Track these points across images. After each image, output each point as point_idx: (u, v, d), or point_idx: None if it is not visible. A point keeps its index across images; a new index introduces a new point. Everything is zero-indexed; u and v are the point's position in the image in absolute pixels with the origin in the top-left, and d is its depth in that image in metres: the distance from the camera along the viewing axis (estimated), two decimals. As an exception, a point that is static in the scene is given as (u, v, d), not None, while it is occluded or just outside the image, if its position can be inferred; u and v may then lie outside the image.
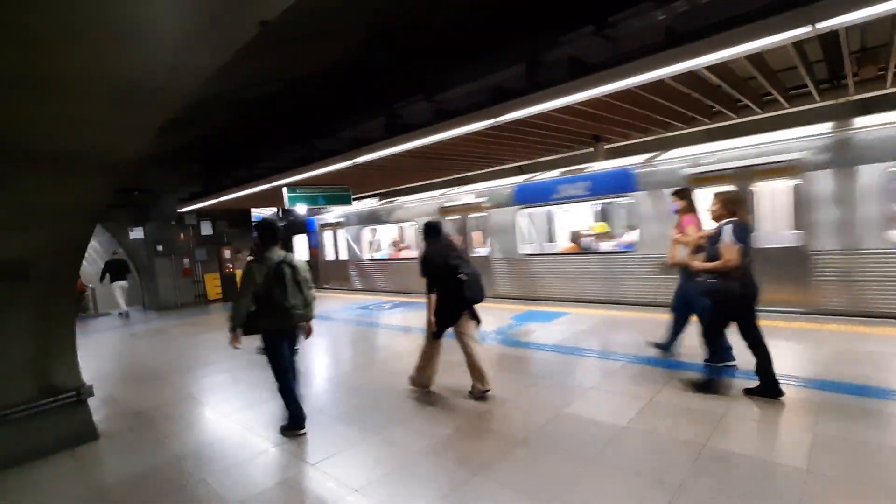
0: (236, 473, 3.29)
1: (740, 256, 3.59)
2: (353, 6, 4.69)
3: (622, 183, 8.20)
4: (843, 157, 6.02)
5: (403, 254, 12.85)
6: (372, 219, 13.35)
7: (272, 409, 4.49)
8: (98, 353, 7.81)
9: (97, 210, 4.05)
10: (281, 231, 4.00)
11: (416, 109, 6.31)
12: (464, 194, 10.72)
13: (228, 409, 4.62)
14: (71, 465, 3.68)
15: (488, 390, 4.18)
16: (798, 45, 4.88)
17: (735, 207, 3.86)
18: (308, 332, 3.99)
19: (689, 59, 3.77)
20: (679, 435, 3.22)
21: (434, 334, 4.25)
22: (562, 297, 8.75)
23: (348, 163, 7.33)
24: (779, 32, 3.33)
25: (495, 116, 5.33)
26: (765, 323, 3.77)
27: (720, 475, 2.72)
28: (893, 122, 5.79)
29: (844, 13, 3.05)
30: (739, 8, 3.61)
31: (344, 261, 14.46)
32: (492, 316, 7.71)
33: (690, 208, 4.74)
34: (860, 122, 6.20)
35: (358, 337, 7.51)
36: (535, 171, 10.50)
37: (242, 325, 3.64)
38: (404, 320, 8.19)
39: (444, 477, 2.97)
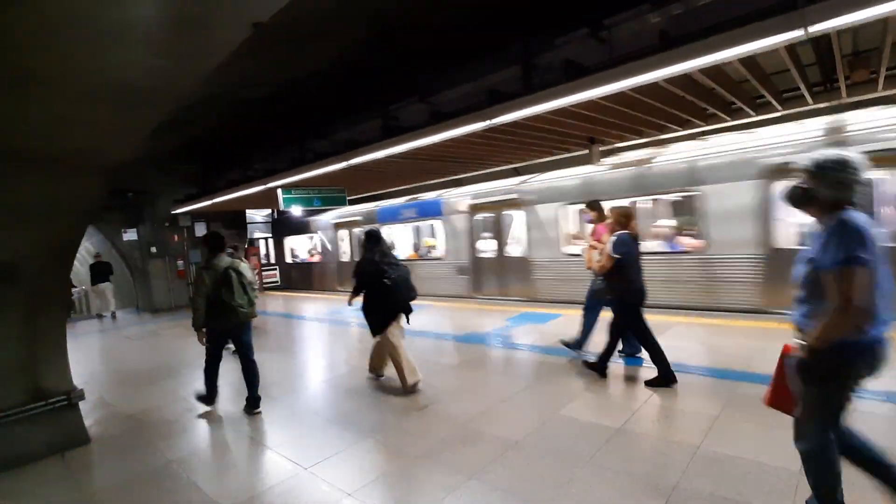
0: (229, 477, 3.27)
1: (614, 263, 4.25)
2: (348, 8, 4.69)
3: (435, 209, 11.26)
4: (546, 197, 9.25)
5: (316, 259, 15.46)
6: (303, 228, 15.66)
7: (267, 411, 4.47)
8: (90, 355, 7.74)
9: (89, 211, 4.02)
10: (226, 241, 4.70)
11: (412, 111, 6.31)
12: (351, 212, 13.42)
13: (223, 412, 4.58)
14: (61, 470, 3.63)
15: (417, 381, 4.54)
16: (791, 48, 4.90)
17: (627, 221, 4.42)
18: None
19: (684, 61, 3.78)
20: (672, 436, 3.23)
21: (373, 332, 4.68)
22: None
23: (343, 164, 7.31)
24: (772, 35, 3.35)
25: (490, 118, 5.33)
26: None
27: (714, 475, 2.72)
28: (559, 177, 9.21)
29: (837, 17, 3.08)
30: (734, 11, 3.63)
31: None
32: (487, 318, 7.71)
33: (601, 218, 5.13)
34: (542, 177, 9.65)
35: (353, 339, 7.48)
36: (531, 173, 10.51)
37: (204, 324, 4.28)
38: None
39: (439, 480, 2.96)
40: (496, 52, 5.28)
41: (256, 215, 16.62)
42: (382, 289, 4.46)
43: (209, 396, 4.62)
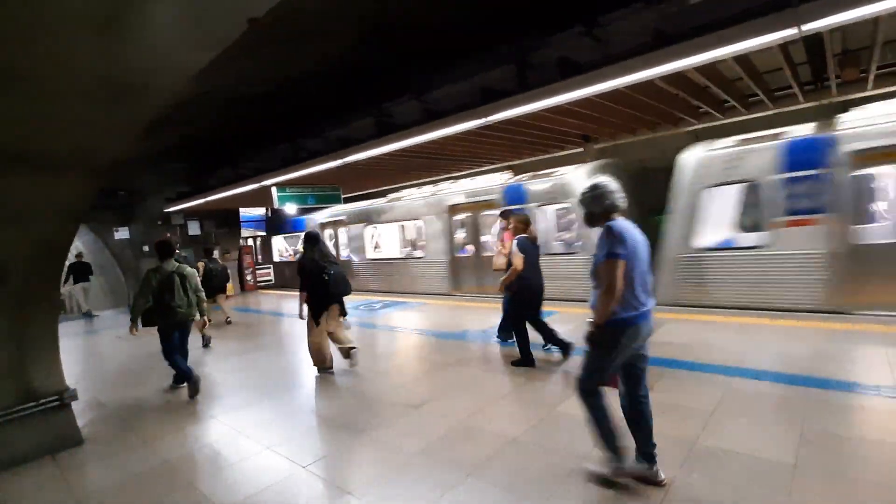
0: (226, 477, 3.25)
1: (523, 263, 4.86)
2: (342, 6, 4.66)
3: (366, 217, 13.20)
4: (355, 219, 13.49)
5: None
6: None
7: (262, 410, 4.46)
8: (82, 355, 7.66)
9: (80, 211, 3.96)
10: (175, 248, 5.38)
11: (406, 109, 6.29)
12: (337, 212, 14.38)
13: (217, 411, 4.56)
14: (53, 472, 3.59)
15: (353, 347, 5.42)
16: (784, 46, 4.95)
17: (524, 227, 5.14)
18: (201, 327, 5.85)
19: (678, 59, 3.80)
20: (669, 432, 3.25)
21: (315, 321, 5.24)
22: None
23: (338, 162, 7.28)
24: (766, 34, 3.38)
25: (485, 116, 5.34)
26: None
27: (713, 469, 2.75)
28: (368, 204, 13.22)
29: (830, 15, 3.11)
30: (728, 9, 3.65)
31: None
32: (482, 315, 7.71)
33: (526, 227, 5.65)
34: (356, 204, 13.41)
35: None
36: (525, 171, 10.53)
37: (140, 318, 4.96)
38: (394, 320, 8.15)
39: (437, 477, 2.96)
40: (491, 51, 5.27)
41: (250, 214, 16.50)
42: (322, 283, 5.12)
43: (179, 377, 5.29)
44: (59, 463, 3.72)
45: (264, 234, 16.94)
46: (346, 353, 5.41)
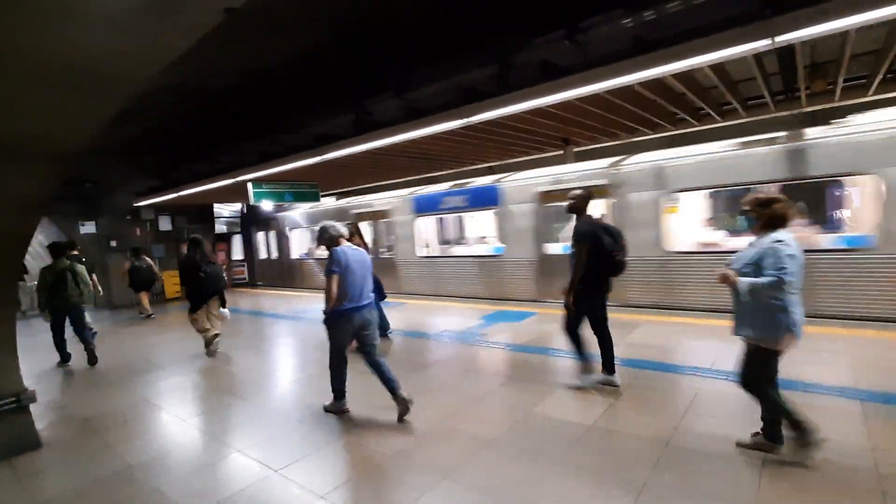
0: (194, 481, 3.14)
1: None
2: (320, -1, 4.57)
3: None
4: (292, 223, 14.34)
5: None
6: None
7: (233, 412, 4.34)
8: (42, 354, 7.32)
9: (41, 203, 3.77)
10: (65, 249, 6.63)
11: (386, 107, 6.22)
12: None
13: (185, 413, 4.41)
14: (8, 477, 3.41)
15: (217, 335, 6.35)
16: (757, 57, 5.09)
17: (350, 237, 5.58)
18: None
19: (657, 66, 3.86)
20: (642, 432, 3.29)
21: (191, 311, 6.28)
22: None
23: (316, 159, 7.15)
24: (741, 44, 3.46)
25: (467, 116, 5.32)
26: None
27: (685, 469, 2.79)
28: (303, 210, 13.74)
29: (802, 28, 3.20)
30: (703, 18, 3.72)
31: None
32: (461, 316, 7.71)
33: (356, 234, 6.31)
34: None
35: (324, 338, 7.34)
36: (506, 172, 10.58)
37: (46, 308, 6.22)
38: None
39: (413, 481, 2.92)
40: (472, 51, 5.26)
41: (224, 210, 16.11)
42: (198, 279, 6.13)
43: (62, 358, 6.53)
44: (15, 467, 3.54)
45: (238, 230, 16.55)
46: (210, 340, 6.34)
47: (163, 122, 8.45)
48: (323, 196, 12.07)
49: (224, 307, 6.56)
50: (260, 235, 15.94)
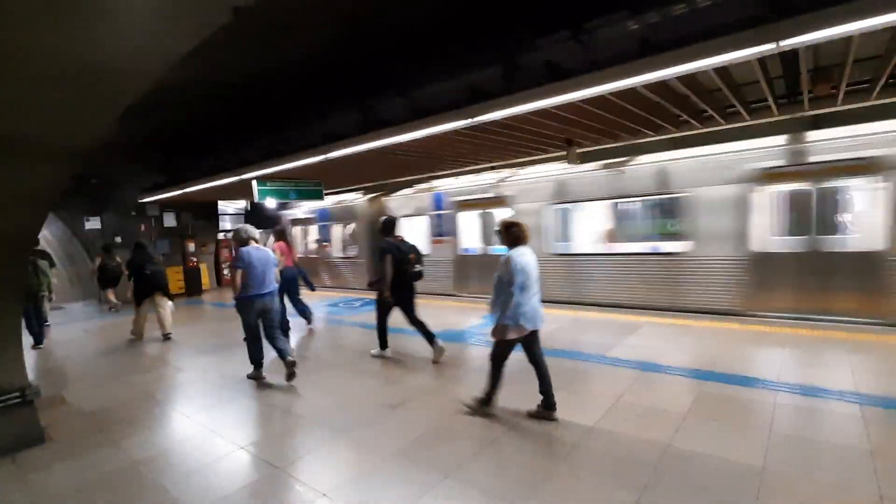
0: (198, 478, 3.16)
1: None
2: (327, -2, 4.59)
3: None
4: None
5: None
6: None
7: (237, 408, 4.37)
8: (48, 349, 7.37)
9: (50, 199, 3.79)
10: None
11: (391, 105, 6.23)
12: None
13: (190, 409, 4.44)
14: (11, 472, 3.44)
15: (169, 334, 7.39)
16: (761, 60, 5.09)
17: (283, 238, 7.54)
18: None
19: (664, 68, 3.87)
20: (644, 434, 3.31)
21: (136, 303, 7.43)
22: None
23: (320, 157, 7.17)
24: (746, 48, 3.47)
25: (471, 116, 5.33)
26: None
27: (684, 473, 2.80)
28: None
29: (807, 32, 3.20)
30: (709, 22, 3.73)
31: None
32: (464, 315, 7.73)
33: (281, 238, 7.61)
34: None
35: (325, 335, 7.37)
36: (509, 173, 10.59)
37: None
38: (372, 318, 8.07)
39: (416, 479, 2.95)
40: (478, 50, 5.27)
41: (229, 207, 16.14)
42: (143, 277, 7.32)
43: (36, 341, 7.43)
44: (19, 463, 3.57)
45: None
46: (165, 336, 7.39)
47: (169, 118, 8.48)
48: (327, 194, 12.03)
49: (170, 300, 7.66)
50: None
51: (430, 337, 5.45)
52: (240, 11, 2.45)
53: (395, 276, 5.34)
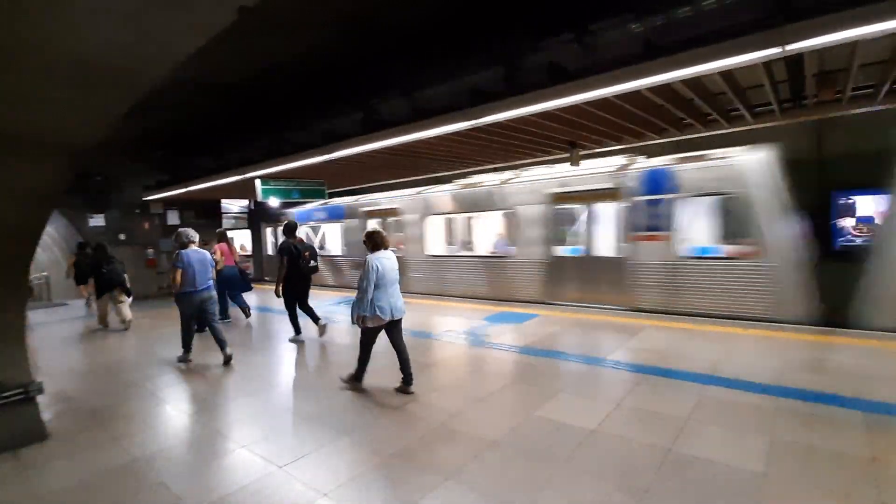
0: (199, 476, 3.17)
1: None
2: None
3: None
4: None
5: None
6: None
7: (239, 407, 4.37)
8: (50, 346, 7.39)
9: (52, 195, 3.81)
10: None
11: (393, 106, 6.23)
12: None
13: (191, 408, 4.45)
14: (13, 468, 3.44)
15: (128, 322, 8.29)
16: (766, 64, 5.08)
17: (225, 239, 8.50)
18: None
19: (667, 71, 3.87)
20: (645, 439, 3.30)
21: (97, 297, 8.39)
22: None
23: (323, 157, 7.19)
24: (752, 51, 3.46)
25: (474, 118, 5.33)
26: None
27: (685, 478, 2.80)
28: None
29: (813, 37, 3.20)
30: (713, 25, 3.72)
31: None
32: (464, 317, 7.73)
33: (223, 240, 8.50)
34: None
35: (330, 335, 7.37)
36: (512, 175, 10.59)
37: None
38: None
39: (415, 480, 2.94)
40: (480, 52, 5.27)
41: (232, 206, 16.19)
42: (100, 274, 8.18)
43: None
44: (21, 459, 3.58)
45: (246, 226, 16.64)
46: (126, 325, 8.35)
47: (172, 117, 8.51)
48: (331, 193, 12.05)
49: (129, 296, 8.50)
50: (268, 231, 16.06)
51: (315, 319, 6.80)
52: (244, 11, 2.46)
53: (292, 270, 6.46)
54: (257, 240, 16.47)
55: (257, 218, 16.35)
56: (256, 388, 4.88)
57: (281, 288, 6.49)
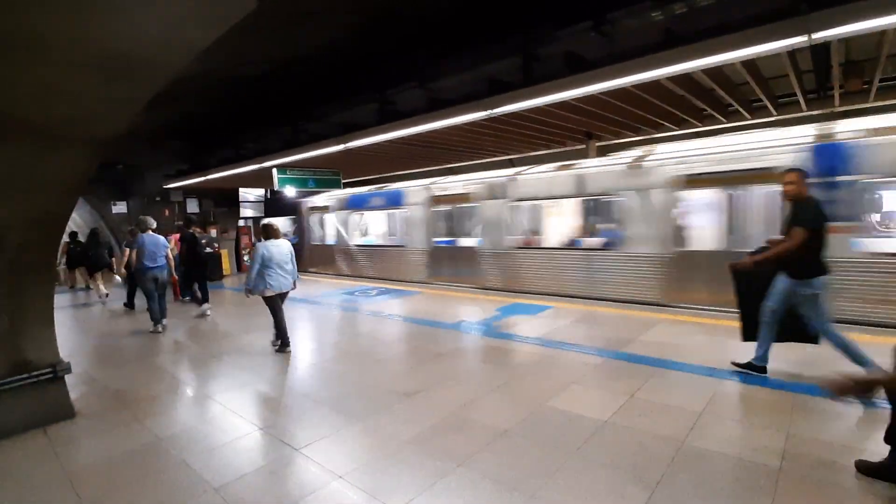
0: (219, 456, 3.27)
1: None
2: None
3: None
4: None
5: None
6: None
7: (258, 390, 4.48)
8: (74, 329, 7.64)
9: (80, 183, 3.92)
10: None
11: (410, 96, 6.25)
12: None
13: (212, 389, 4.58)
14: (43, 444, 3.60)
15: (104, 294, 10.07)
16: (791, 53, 4.95)
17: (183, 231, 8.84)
18: None
19: (687, 61, 3.80)
20: (658, 431, 3.31)
21: (89, 275, 10.33)
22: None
23: (339, 147, 7.24)
24: (776, 40, 3.38)
25: (490, 108, 5.31)
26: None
27: (698, 472, 2.80)
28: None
29: (840, 25, 3.11)
30: (735, 13, 3.65)
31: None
32: (477, 307, 7.76)
33: (180, 231, 9.03)
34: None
35: (343, 323, 7.48)
36: (526, 165, 10.53)
37: None
38: (389, 307, 8.18)
39: (428, 466, 3.00)
40: (497, 42, 5.24)
41: (249, 194, 16.41)
42: (87, 257, 10.01)
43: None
44: (51, 436, 3.73)
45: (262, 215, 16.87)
46: (102, 298, 10.00)
47: (192, 108, 8.63)
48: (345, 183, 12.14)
49: (116, 275, 10.61)
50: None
51: (205, 300, 8.19)
52: (264, 1, 2.49)
53: (191, 256, 8.15)
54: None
55: (270, 210, 16.61)
56: (276, 372, 5.01)
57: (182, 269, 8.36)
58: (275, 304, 5.55)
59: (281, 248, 5.51)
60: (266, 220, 5.80)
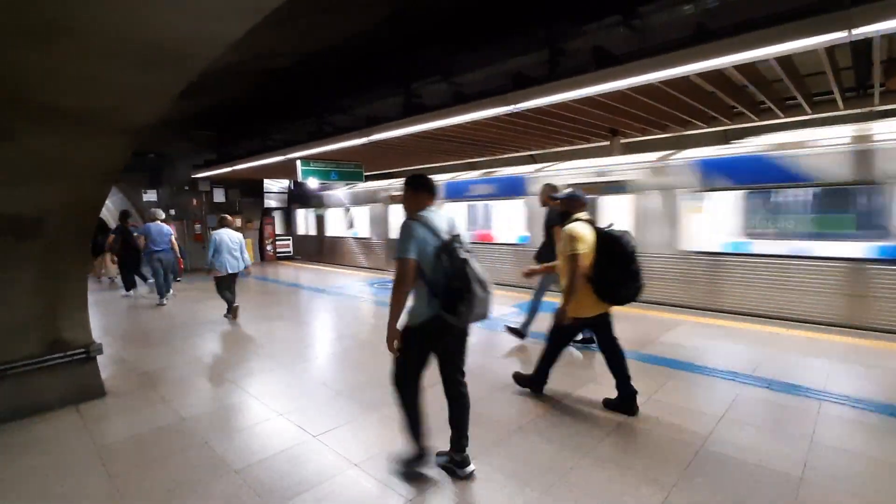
0: (239, 439, 3.38)
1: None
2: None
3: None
4: None
5: None
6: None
7: (279, 377, 4.59)
8: (107, 313, 7.94)
9: (115, 171, 4.07)
10: None
11: (434, 90, 6.23)
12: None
13: (235, 375, 4.71)
14: (76, 420, 3.77)
15: (102, 276, 11.48)
16: (829, 49, 4.76)
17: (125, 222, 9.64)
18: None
19: (720, 56, 3.69)
20: (676, 434, 3.26)
21: (94, 258, 10.59)
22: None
23: (364, 140, 7.29)
24: (814, 35, 3.26)
25: (514, 103, 5.26)
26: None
27: (714, 474, 2.76)
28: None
29: (885, 20, 2.97)
30: (770, 7, 3.51)
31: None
32: (494, 303, 7.74)
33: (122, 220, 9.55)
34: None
35: (362, 313, 7.58)
36: (548, 161, 10.41)
37: None
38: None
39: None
40: (523, 36, 5.18)
41: (273, 185, 16.69)
42: (94, 244, 9.45)
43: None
44: (82, 413, 3.91)
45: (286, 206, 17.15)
46: (98, 273, 11.39)
47: (220, 99, 8.81)
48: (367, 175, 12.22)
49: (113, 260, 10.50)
50: (300, 212, 16.60)
51: (134, 286, 9.47)
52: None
53: (124, 247, 9.11)
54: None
55: (291, 201, 16.89)
56: (291, 360, 5.12)
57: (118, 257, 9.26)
58: (223, 282, 6.87)
59: (231, 237, 6.89)
60: (223, 214, 7.35)
